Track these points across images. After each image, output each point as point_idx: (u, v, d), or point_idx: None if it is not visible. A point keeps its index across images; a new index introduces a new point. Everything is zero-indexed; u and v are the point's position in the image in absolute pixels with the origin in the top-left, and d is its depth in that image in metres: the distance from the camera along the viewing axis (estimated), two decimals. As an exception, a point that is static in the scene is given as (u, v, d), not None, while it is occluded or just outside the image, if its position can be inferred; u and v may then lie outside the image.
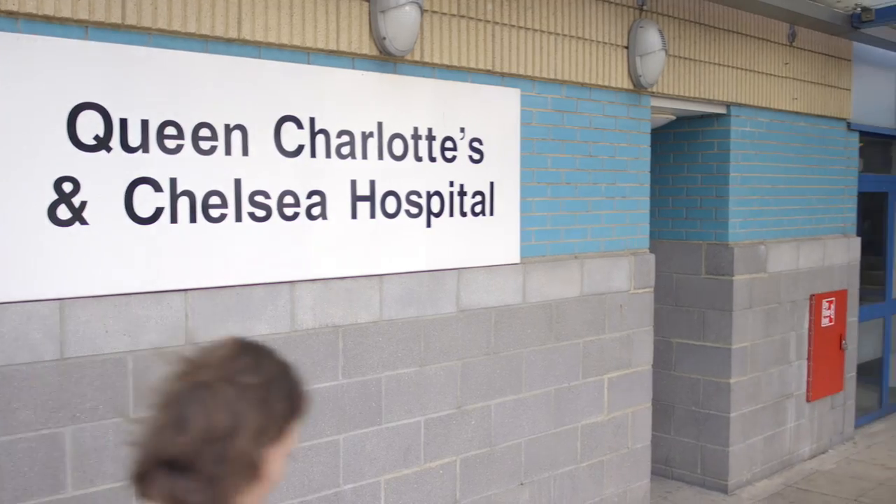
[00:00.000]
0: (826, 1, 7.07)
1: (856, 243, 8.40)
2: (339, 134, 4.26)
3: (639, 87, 5.86)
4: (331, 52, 4.23)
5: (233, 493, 1.48)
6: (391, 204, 4.49)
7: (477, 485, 5.03)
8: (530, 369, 5.28)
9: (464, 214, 4.84)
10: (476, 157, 4.88)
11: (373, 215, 4.42)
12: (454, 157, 4.77)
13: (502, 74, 5.03)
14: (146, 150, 3.60)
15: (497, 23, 4.96)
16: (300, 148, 4.11)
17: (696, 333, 7.07)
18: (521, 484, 5.29)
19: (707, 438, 7.11)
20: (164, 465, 1.46)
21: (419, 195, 4.62)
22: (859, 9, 7.31)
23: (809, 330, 7.76)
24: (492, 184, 4.98)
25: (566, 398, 5.53)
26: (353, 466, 4.41)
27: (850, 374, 8.45)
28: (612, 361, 5.83)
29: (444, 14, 4.69)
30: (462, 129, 4.81)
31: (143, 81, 3.59)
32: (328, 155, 4.22)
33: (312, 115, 4.15)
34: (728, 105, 6.79)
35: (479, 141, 4.90)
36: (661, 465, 7.34)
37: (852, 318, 8.40)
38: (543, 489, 5.43)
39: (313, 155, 4.16)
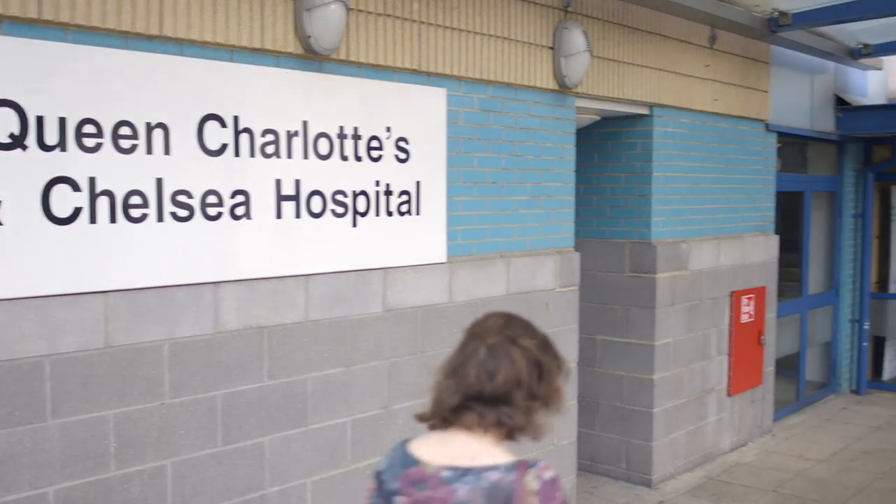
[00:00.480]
0: (745, 5, 7.24)
1: (774, 241, 8.63)
2: (264, 133, 4.22)
3: (564, 88, 5.93)
4: (255, 50, 4.18)
5: (539, 417, 2.14)
6: (316, 203, 4.46)
7: (404, 484, 5.02)
8: (457, 368, 5.29)
9: (390, 214, 4.83)
10: (402, 156, 4.88)
11: (298, 215, 4.39)
12: (380, 157, 4.76)
13: (428, 74, 5.04)
14: (64, 149, 3.51)
15: (423, 22, 4.96)
16: (224, 147, 4.06)
17: (621, 330, 7.18)
18: (449, 482, 5.30)
19: (631, 434, 7.22)
20: (483, 400, 2.08)
21: (345, 195, 4.59)
22: (777, 13, 7.50)
23: (730, 326, 7.94)
24: (418, 183, 4.98)
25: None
26: (278, 469, 4.37)
27: (769, 368, 8.67)
28: (538, 359, 5.87)
29: (370, 13, 4.68)
30: (388, 129, 4.80)
31: (60, 78, 3.50)
32: (252, 154, 4.17)
33: (236, 114, 4.10)
34: (651, 106, 6.90)
35: (406, 140, 4.89)
36: (587, 462, 7.43)
37: (771, 314, 8.62)
38: (470, 487, 5.45)
39: (237, 154, 4.11)
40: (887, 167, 10.44)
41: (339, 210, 4.58)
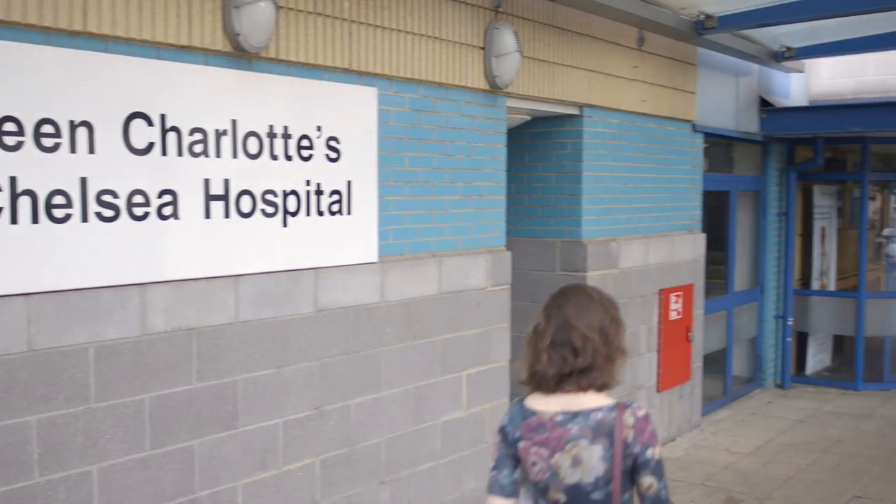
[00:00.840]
0: (672, 7, 7.36)
1: (701, 239, 8.79)
2: (192, 132, 4.16)
3: (495, 88, 5.96)
4: (182, 47, 4.12)
5: (616, 373, 2.77)
6: (246, 203, 4.41)
7: (337, 485, 5.01)
8: (389, 368, 5.29)
9: (321, 214, 4.80)
10: (333, 155, 4.86)
11: (227, 215, 4.34)
12: (311, 156, 4.73)
13: (359, 73, 5.02)
14: (-18, 148, 3.42)
15: (354, 21, 4.95)
16: (150, 146, 3.99)
17: (552, 329, 7.22)
18: (382, 483, 5.30)
19: (563, 431, 7.28)
20: (575, 374, 2.69)
21: (275, 194, 4.56)
22: (703, 16, 7.64)
23: (659, 323, 8.07)
24: (349, 183, 4.96)
25: (425, 396, 5.57)
26: (209, 472, 4.31)
27: (697, 364, 8.84)
28: (470, 358, 5.91)
29: (300, 11, 4.65)
30: (319, 128, 4.77)
31: (-22, 75, 3.41)
32: (180, 153, 4.11)
33: (163, 112, 4.03)
34: (581, 106, 6.98)
35: (336, 140, 4.87)
36: (520, 459, 7.47)
37: (698, 310, 8.78)
38: (403, 487, 5.46)
39: (164, 153, 4.04)
40: (809, 167, 10.72)
41: (270, 210, 4.54)
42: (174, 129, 4.07)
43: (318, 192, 4.78)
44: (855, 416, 9.51)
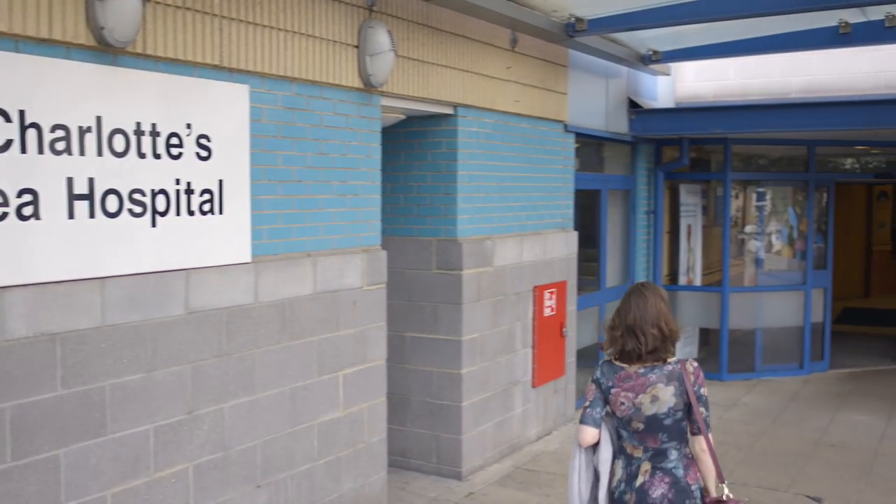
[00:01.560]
0: (544, 10, 7.50)
1: (573, 237, 8.99)
2: (54, 128, 4.00)
3: (369, 87, 5.95)
4: (43, 40, 3.96)
5: (672, 348, 3.95)
6: (112, 203, 4.27)
7: (212, 491, 4.90)
8: (264, 369, 5.22)
9: (191, 213, 4.69)
10: (204, 154, 4.75)
11: (92, 215, 4.19)
12: (180, 154, 4.62)
13: (231, 70, 4.93)
14: None
15: (225, 17, 4.85)
16: (8, 143, 3.82)
17: (429, 327, 7.29)
18: (258, 486, 5.22)
19: (441, 428, 7.34)
20: (651, 351, 3.87)
21: (143, 193, 4.43)
22: (574, 19, 7.82)
23: (533, 320, 8.21)
24: (221, 182, 4.86)
25: (302, 396, 5.52)
26: (75, 482, 4.16)
27: (571, 359, 9.03)
28: (346, 358, 5.89)
29: (169, 5, 4.53)
30: (189, 126, 4.66)
31: None
32: (41, 151, 3.95)
33: (22, 108, 3.86)
34: (455, 106, 7.04)
35: (207, 138, 4.77)
36: (399, 457, 7.50)
37: (572, 307, 8.98)
38: (281, 490, 5.39)
39: (24, 150, 3.88)
40: (676, 167, 11.11)
41: (137, 210, 4.41)
42: (34, 125, 3.91)
43: (189, 192, 4.68)
44: (721, 406, 9.90)
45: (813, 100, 10.64)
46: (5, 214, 3.81)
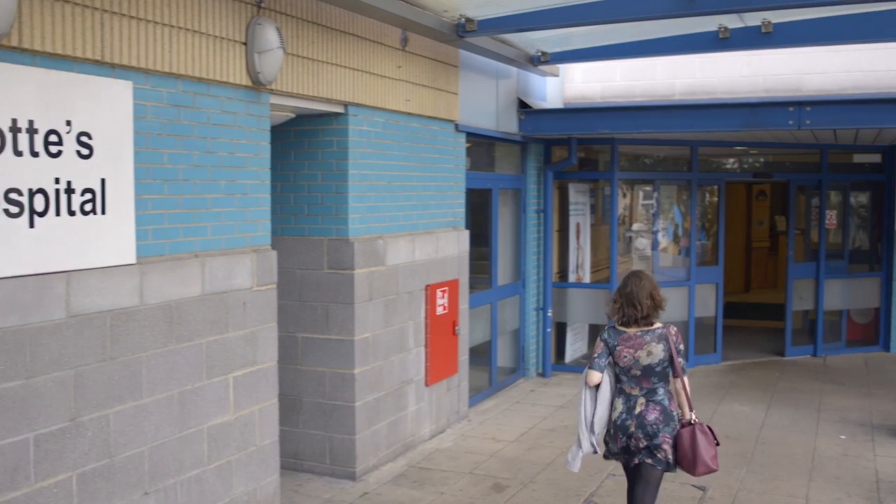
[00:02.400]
0: (434, 10, 7.53)
1: (465, 236, 9.06)
2: (-79, 125, 3.81)
3: (258, 85, 5.87)
4: None
5: (660, 315, 5.46)
6: (-13, 203, 4.10)
7: (97, 500, 4.75)
8: (151, 373, 5.09)
9: (72, 213, 4.54)
10: (85, 152, 4.60)
11: (-35, 215, 4.01)
12: (60, 153, 4.46)
13: (113, 66, 4.79)
14: None
15: (107, 10, 4.71)
16: None
17: (321, 327, 7.23)
18: (146, 493, 5.09)
19: (334, 429, 7.30)
20: (645, 317, 5.34)
21: (20, 193, 4.26)
22: (464, 19, 7.87)
23: (426, 318, 8.24)
24: (103, 181, 4.72)
25: (191, 400, 5.41)
26: (-52, 494, 3.98)
27: (464, 357, 9.10)
28: (236, 360, 5.79)
29: (45, -2, 4.37)
30: (68, 123, 4.51)
31: None
32: None
33: None
34: (346, 105, 7.00)
35: (88, 135, 4.62)
36: (291, 460, 7.43)
37: (464, 305, 9.05)
38: (170, 496, 5.27)
39: None
40: (564, 166, 11.31)
41: (14, 210, 4.24)
42: None
43: (69, 191, 4.52)
44: (609, 400, 10.12)
45: (695, 102, 11.00)
46: None
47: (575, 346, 12.23)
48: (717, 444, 5.45)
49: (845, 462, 7.89)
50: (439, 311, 8.43)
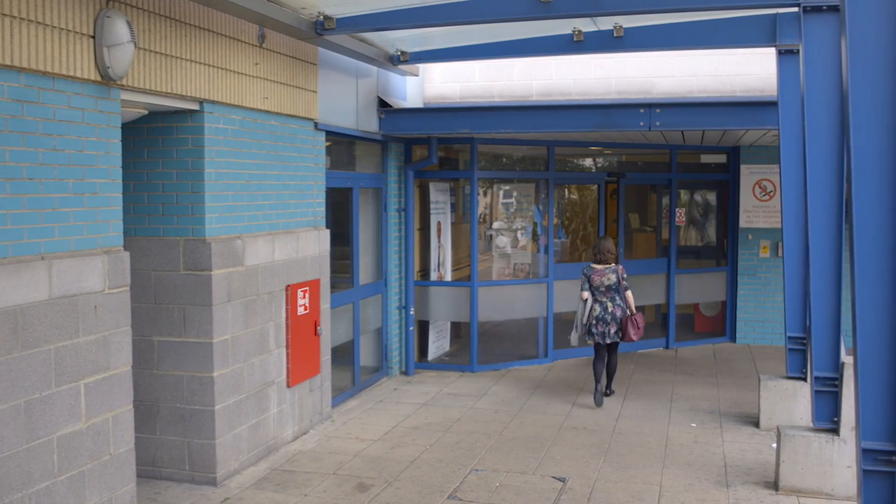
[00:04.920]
0: (292, 6, 7.45)
1: (326, 235, 8.99)
2: None
3: (107, 80, 5.66)
4: None
5: (616, 258, 10.95)
6: None
7: (-67, 517, 4.49)
8: (-6, 382, 4.84)
9: None
10: (-83, 149, 4.34)
11: None
12: None
13: (-53, 58, 4.53)
14: None
15: (-61, 0, 4.45)
16: None
17: (178, 330, 7.04)
18: (-11, 508, 4.84)
19: (194, 434, 7.12)
20: (605, 260, 9.89)
21: None
22: (322, 17, 7.83)
23: (287, 319, 8.14)
24: (-61, 179, 4.46)
25: (39, 409, 5.17)
26: None
27: (326, 357, 9.04)
28: (88, 366, 5.57)
29: None
30: None
31: None
32: None
33: None
34: (201, 101, 6.84)
35: (-79, 131, 4.36)
36: (149, 467, 7.20)
37: (325, 305, 8.98)
38: (15, 510, 5.02)
39: None
40: (425, 165, 11.39)
41: None
42: None
43: None
44: (472, 396, 10.26)
45: (550, 103, 11.27)
46: None
47: (438, 344, 12.33)
48: (642, 327, 9.78)
49: (696, 449, 8.25)
50: (300, 311, 8.34)
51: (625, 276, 9.75)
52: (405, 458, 7.93)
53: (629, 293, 9.76)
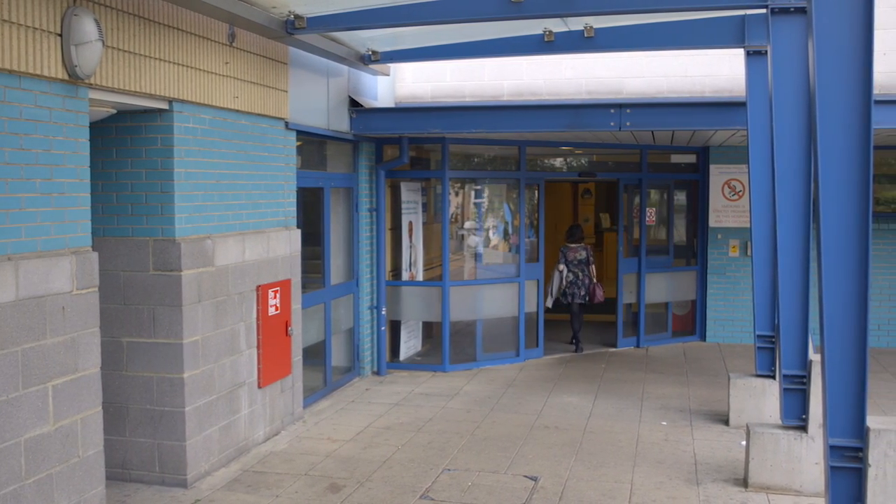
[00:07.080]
0: (262, 5, 7.41)
1: (297, 235, 8.96)
2: None
3: (75, 78, 5.61)
4: None
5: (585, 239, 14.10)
6: None
7: None
8: (-40, 384, 4.78)
9: None
10: None
11: None
12: None
13: (-89, 56, 4.47)
14: None
15: None
16: None
17: (147, 331, 6.99)
18: (-45, 512, 4.78)
19: (164, 435, 7.07)
20: (579, 239, 13.33)
21: None
22: (293, 16, 7.79)
23: (258, 319, 8.10)
24: None
25: (5, 412, 5.11)
26: None
27: (297, 357, 9.00)
28: (56, 367, 5.52)
29: None
30: None
31: None
32: None
33: None
34: (170, 101, 6.79)
35: None
36: (119, 469, 7.14)
37: (297, 305, 8.95)
38: (-18, 514, 4.97)
39: None
40: (396, 165, 11.37)
41: None
42: None
43: None
44: (444, 396, 10.27)
45: (522, 103, 11.29)
46: None
47: (409, 344, 12.32)
48: (603, 293, 13.07)
49: (667, 447, 8.30)
50: (271, 311, 8.31)
51: (592, 254, 13.14)
52: (377, 458, 7.92)
53: (593, 267, 13.13)
